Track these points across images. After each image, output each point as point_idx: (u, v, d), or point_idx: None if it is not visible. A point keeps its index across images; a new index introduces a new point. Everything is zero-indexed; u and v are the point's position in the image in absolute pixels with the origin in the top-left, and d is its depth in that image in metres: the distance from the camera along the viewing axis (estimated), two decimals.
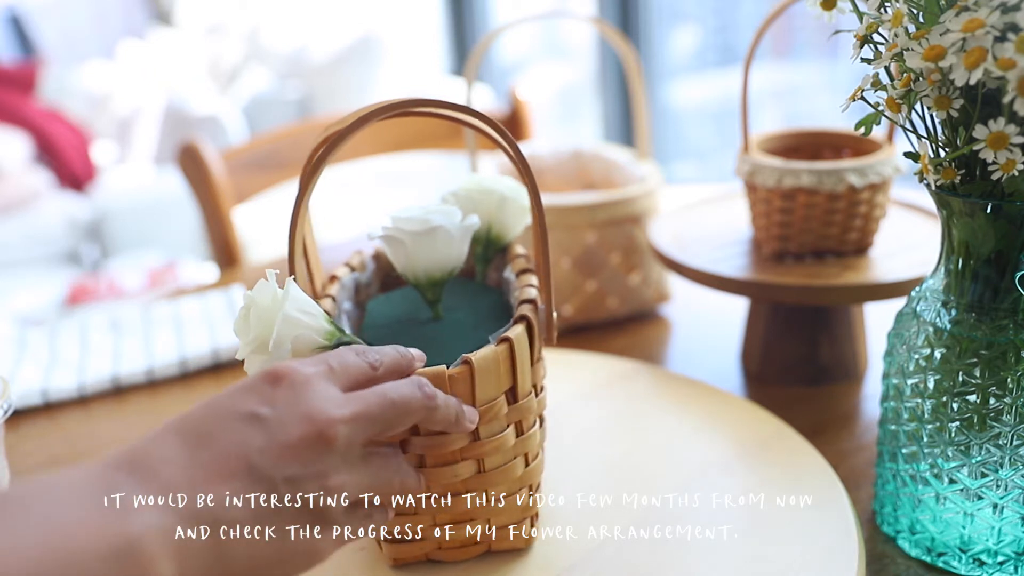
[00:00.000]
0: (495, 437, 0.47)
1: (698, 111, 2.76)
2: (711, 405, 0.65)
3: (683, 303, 0.94)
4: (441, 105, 0.47)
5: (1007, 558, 0.52)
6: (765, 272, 0.74)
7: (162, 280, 2.20)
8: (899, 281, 0.70)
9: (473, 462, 0.47)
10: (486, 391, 0.46)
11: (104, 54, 3.46)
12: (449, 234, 0.55)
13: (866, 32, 0.48)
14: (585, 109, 2.90)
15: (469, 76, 0.93)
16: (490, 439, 0.47)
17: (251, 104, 2.92)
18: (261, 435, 0.37)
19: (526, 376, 0.48)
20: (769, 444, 0.60)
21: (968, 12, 0.43)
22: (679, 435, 0.62)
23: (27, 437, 0.77)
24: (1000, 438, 0.49)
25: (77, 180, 2.93)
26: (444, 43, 3.21)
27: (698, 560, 0.50)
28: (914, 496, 0.54)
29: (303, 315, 0.46)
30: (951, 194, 0.49)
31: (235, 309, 0.95)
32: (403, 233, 0.55)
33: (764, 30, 0.76)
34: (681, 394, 0.67)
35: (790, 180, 0.74)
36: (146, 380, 0.84)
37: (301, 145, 1.30)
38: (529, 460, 0.50)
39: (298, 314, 0.46)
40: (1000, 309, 0.49)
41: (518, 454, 0.49)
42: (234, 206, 1.23)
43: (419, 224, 0.54)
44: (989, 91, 0.45)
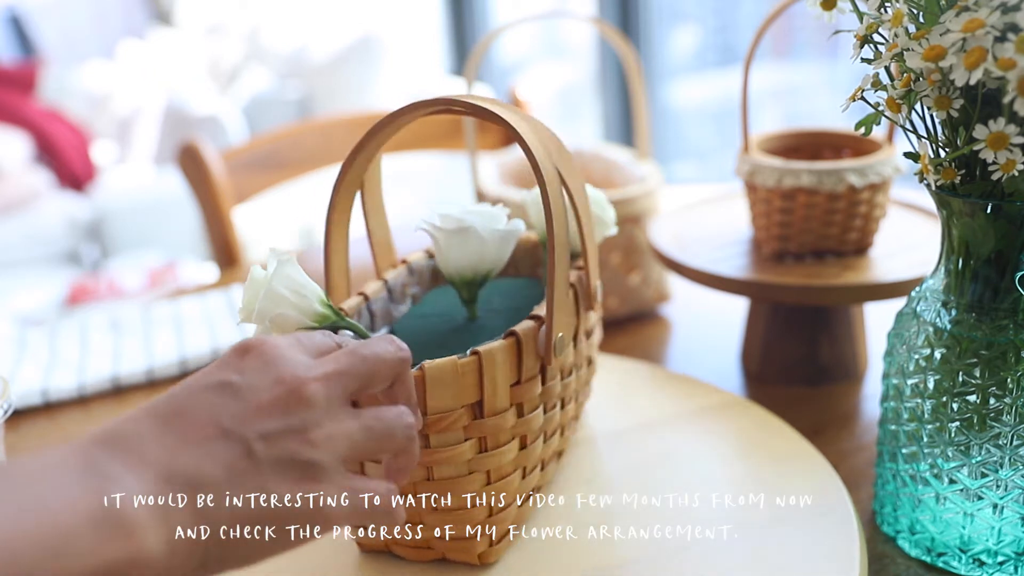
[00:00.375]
0: (446, 448, 0.46)
1: (698, 111, 2.76)
2: (711, 405, 0.65)
3: (683, 303, 0.94)
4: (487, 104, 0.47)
5: (1007, 558, 0.52)
6: (765, 272, 0.74)
7: (162, 280, 2.20)
8: (899, 281, 0.70)
9: (423, 467, 0.47)
10: (439, 400, 0.45)
11: (104, 54, 3.46)
12: (480, 237, 0.54)
13: (866, 32, 0.48)
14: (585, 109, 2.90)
15: (469, 76, 0.93)
16: (440, 449, 0.46)
17: (251, 104, 2.92)
18: (233, 401, 0.37)
19: (500, 393, 0.47)
20: (770, 444, 0.60)
21: (968, 12, 0.43)
22: (679, 435, 0.62)
23: (27, 437, 0.77)
24: (1000, 438, 0.49)
25: (77, 180, 2.93)
26: (444, 43, 3.21)
27: (698, 560, 0.50)
28: (914, 496, 0.54)
29: (290, 293, 0.46)
30: (951, 194, 0.49)
31: (235, 309, 0.95)
32: (436, 230, 0.54)
33: (764, 30, 0.76)
34: (681, 394, 0.67)
35: (790, 180, 0.74)
36: (146, 380, 0.84)
37: (301, 145, 1.30)
38: (492, 478, 0.48)
39: (284, 291, 0.46)
40: (1000, 309, 0.49)
41: (475, 470, 0.47)
42: (234, 206, 1.23)
43: (452, 222, 0.54)
44: (989, 91, 0.45)
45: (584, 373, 0.59)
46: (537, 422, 0.50)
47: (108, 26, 3.59)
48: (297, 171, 1.30)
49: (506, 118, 0.46)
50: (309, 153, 1.31)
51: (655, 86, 2.54)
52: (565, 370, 0.54)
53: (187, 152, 1.19)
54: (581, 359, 0.57)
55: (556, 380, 0.52)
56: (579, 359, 0.57)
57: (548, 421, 0.52)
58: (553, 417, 0.53)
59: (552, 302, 0.48)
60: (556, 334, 0.49)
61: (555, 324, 0.48)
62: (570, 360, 0.54)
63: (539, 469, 0.53)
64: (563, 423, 0.56)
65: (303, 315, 0.47)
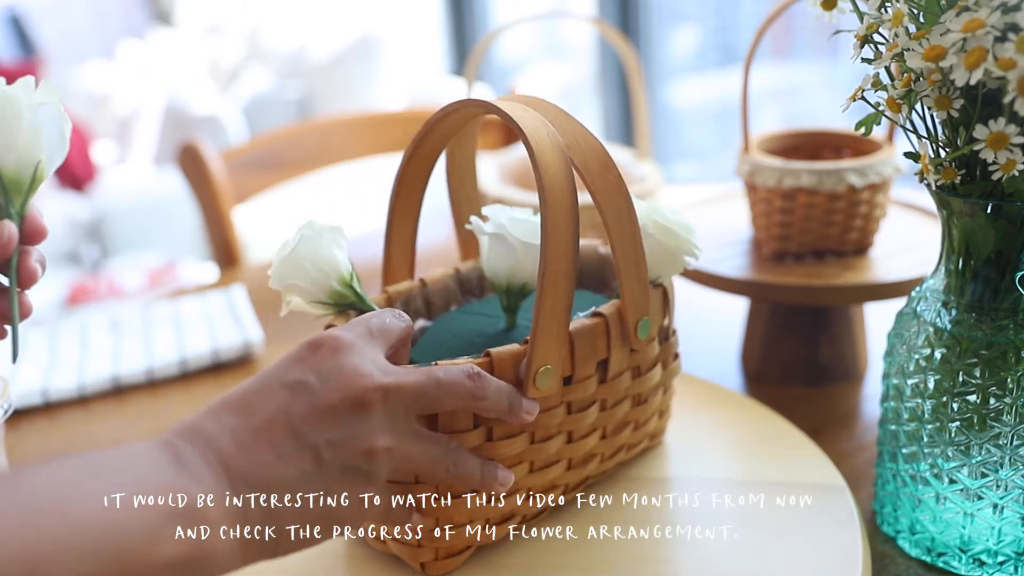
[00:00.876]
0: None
1: (698, 111, 2.76)
2: (712, 404, 0.65)
3: (683, 303, 0.94)
4: None
5: (1007, 558, 0.52)
6: (765, 272, 0.74)
7: (162, 280, 2.20)
8: (899, 281, 0.70)
9: None
10: None
11: (104, 54, 3.46)
12: (512, 248, 0.52)
13: (866, 32, 0.48)
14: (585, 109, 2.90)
15: (469, 76, 0.93)
16: None
17: (251, 104, 2.92)
18: (303, 400, 0.39)
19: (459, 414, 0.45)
20: (772, 442, 0.60)
21: (968, 12, 0.43)
22: (679, 434, 0.62)
23: (27, 437, 0.77)
24: (1000, 438, 0.49)
25: (77, 180, 2.93)
26: (444, 43, 3.21)
27: (698, 560, 0.50)
28: (914, 496, 0.54)
29: (311, 266, 0.46)
30: (951, 194, 0.49)
31: (235, 309, 0.95)
32: (479, 231, 0.53)
33: (764, 30, 0.76)
34: (681, 393, 0.67)
35: (790, 180, 0.74)
36: (146, 380, 0.84)
37: (301, 145, 1.30)
38: (441, 490, 0.46)
39: (306, 263, 0.46)
40: (1000, 309, 0.49)
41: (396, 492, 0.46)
42: (234, 206, 1.23)
43: (492, 227, 0.53)
44: (989, 91, 0.45)
45: (626, 411, 0.53)
46: (513, 448, 0.47)
47: (108, 26, 3.59)
48: (297, 171, 1.30)
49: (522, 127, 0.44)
50: (309, 153, 1.31)
51: (655, 86, 2.54)
52: (577, 404, 0.50)
53: (187, 152, 1.19)
54: (613, 393, 0.52)
55: (553, 410, 0.48)
56: (609, 394, 0.51)
57: (538, 451, 0.49)
58: (546, 448, 0.49)
59: (535, 329, 0.45)
60: (539, 366, 0.45)
61: (537, 355, 0.45)
62: (587, 393, 0.49)
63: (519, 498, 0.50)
64: (576, 455, 0.52)
65: (318, 289, 0.47)
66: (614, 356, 0.50)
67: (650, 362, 0.54)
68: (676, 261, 0.54)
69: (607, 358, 0.50)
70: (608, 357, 0.50)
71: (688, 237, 0.53)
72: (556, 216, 0.44)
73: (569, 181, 0.44)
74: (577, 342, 0.48)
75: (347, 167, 1.34)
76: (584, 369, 0.49)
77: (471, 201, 0.58)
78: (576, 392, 0.49)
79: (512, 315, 0.55)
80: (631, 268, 0.49)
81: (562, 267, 0.44)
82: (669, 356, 0.56)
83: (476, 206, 0.58)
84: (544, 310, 0.45)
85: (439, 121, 0.50)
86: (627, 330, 0.50)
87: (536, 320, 0.45)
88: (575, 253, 0.45)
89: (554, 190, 0.43)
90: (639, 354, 0.53)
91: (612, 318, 0.50)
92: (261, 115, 2.88)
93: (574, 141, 0.47)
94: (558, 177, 0.44)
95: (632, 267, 0.49)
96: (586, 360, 0.49)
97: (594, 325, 0.49)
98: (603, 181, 0.47)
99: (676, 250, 0.53)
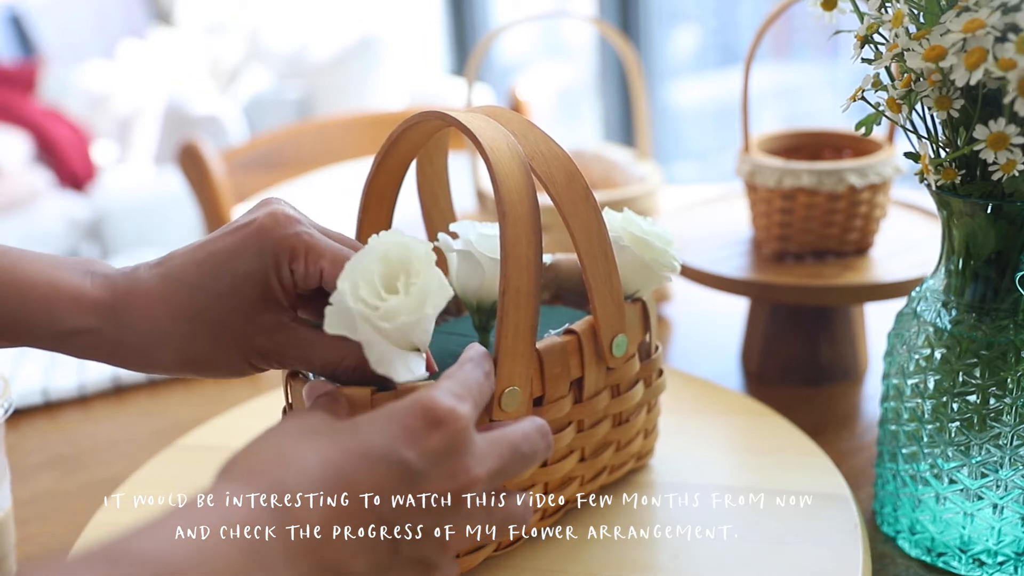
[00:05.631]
0: None
1: (698, 111, 2.76)
2: (712, 403, 0.65)
3: (683, 303, 0.94)
4: None
5: (1007, 558, 0.52)
6: (765, 272, 0.74)
7: None
8: (899, 281, 0.70)
9: None
10: None
11: (104, 54, 3.45)
12: (480, 265, 0.49)
13: (866, 32, 0.48)
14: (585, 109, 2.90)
15: (469, 76, 0.93)
16: None
17: (251, 104, 2.92)
18: (403, 487, 0.37)
19: None
20: (772, 442, 0.60)
21: (968, 12, 0.43)
22: (679, 434, 0.62)
23: (27, 437, 0.77)
24: (1000, 438, 0.49)
25: (77, 180, 2.93)
26: (444, 43, 3.21)
27: (698, 560, 0.50)
28: (914, 496, 0.54)
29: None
30: (951, 194, 0.49)
31: None
32: (447, 248, 0.51)
33: (764, 30, 0.76)
34: (681, 393, 0.67)
35: (790, 180, 0.74)
36: (146, 380, 0.84)
37: (301, 145, 1.30)
38: None
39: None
40: (1000, 309, 0.49)
41: None
42: (234, 206, 1.23)
43: (460, 243, 0.50)
44: (989, 91, 0.45)
45: (607, 432, 0.51)
46: None
47: (108, 26, 3.59)
48: (297, 171, 1.30)
49: (480, 139, 0.42)
50: (309, 153, 1.31)
51: (655, 86, 2.54)
52: (550, 425, 0.46)
53: (187, 152, 1.19)
54: (590, 414, 0.50)
55: None
56: (586, 414, 0.50)
57: None
58: None
59: (498, 350, 0.43)
60: (504, 387, 0.43)
61: (502, 376, 0.43)
62: (560, 414, 0.48)
63: None
64: (553, 479, 0.50)
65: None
66: (589, 375, 0.48)
67: (630, 380, 0.51)
68: (654, 275, 0.52)
69: (581, 377, 0.48)
70: (583, 376, 0.48)
71: (666, 248, 0.51)
72: (515, 230, 0.42)
73: (530, 193, 0.42)
74: (547, 361, 0.46)
75: (347, 167, 1.34)
76: (556, 389, 0.47)
77: (444, 216, 0.55)
78: (549, 413, 0.47)
79: (485, 334, 0.52)
80: (602, 283, 0.47)
81: (523, 284, 0.42)
82: (652, 373, 0.54)
83: (449, 221, 0.55)
84: (507, 329, 0.43)
85: (401, 134, 0.48)
86: (601, 348, 0.48)
87: (499, 340, 0.43)
88: (537, 268, 0.43)
89: (513, 202, 0.41)
90: (617, 372, 0.50)
91: (585, 335, 0.47)
92: (261, 115, 2.88)
93: (538, 151, 0.45)
94: (516, 188, 0.42)
95: (603, 282, 0.47)
96: (557, 380, 0.46)
97: (565, 343, 0.47)
98: (569, 192, 0.45)
99: (654, 263, 0.51)
